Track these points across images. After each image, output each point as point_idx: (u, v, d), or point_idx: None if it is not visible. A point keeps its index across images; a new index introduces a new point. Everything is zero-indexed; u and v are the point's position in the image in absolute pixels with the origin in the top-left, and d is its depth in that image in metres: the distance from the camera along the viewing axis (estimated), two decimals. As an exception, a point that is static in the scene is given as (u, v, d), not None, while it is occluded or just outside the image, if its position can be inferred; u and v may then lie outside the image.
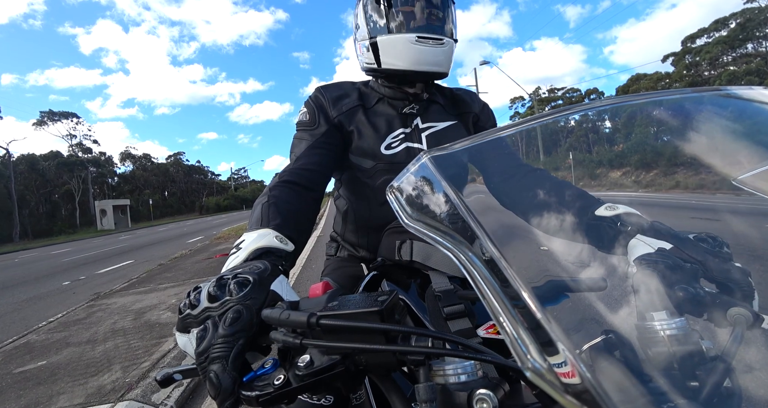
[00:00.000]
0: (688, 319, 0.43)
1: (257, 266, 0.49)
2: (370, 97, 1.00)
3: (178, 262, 7.81)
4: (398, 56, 0.90)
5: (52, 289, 6.82)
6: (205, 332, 0.42)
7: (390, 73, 0.95)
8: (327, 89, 0.99)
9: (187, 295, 0.47)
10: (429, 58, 0.90)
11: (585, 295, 0.48)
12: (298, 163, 0.87)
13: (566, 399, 0.26)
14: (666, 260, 0.49)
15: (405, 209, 0.45)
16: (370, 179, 0.94)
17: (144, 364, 2.66)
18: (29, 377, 2.73)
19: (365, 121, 0.96)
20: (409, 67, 0.90)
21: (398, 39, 0.89)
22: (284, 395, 0.38)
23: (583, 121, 0.76)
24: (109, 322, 3.90)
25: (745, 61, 26.63)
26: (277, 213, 0.71)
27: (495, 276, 0.34)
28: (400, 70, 0.92)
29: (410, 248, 0.76)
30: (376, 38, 0.92)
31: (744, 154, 0.49)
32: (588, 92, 40.68)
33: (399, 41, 0.89)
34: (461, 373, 0.39)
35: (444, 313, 0.58)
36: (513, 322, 0.30)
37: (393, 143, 0.94)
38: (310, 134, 0.93)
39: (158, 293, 5.02)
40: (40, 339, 3.66)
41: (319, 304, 0.42)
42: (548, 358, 0.28)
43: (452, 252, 0.38)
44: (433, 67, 0.92)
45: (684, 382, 0.37)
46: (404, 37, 0.89)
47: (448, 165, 0.45)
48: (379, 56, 0.92)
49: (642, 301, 0.46)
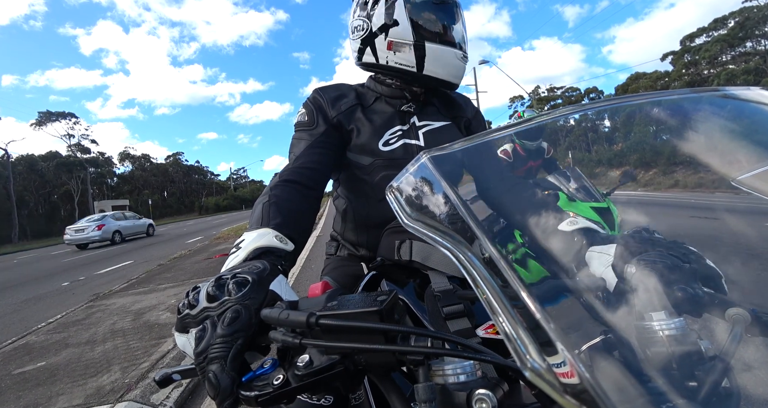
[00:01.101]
0: (686, 319, 0.43)
1: (256, 266, 0.49)
2: (368, 96, 1.02)
3: (178, 263, 7.80)
4: (442, 66, 0.95)
5: (52, 290, 6.81)
6: (204, 332, 0.42)
7: (414, 76, 0.97)
8: (325, 90, 1.00)
9: (186, 295, 0.47)
10: (460, 73, 0.99)
11: (584, 295, 0.48)
12: (298, 162, 0.88)
13: (565, 399, 0.26)
14: (665, 260, 0.49)
15: (404, 209, 0.45)
16: (368, 176, 0.95)
17: (143, 365, 2.66)
18: (28, 378, 2.73)
19: (363, 119, 0.97)
20: (446, 78, 0.97)
21: (448, 51, 0.94)
22: (283, 395, 0.38)
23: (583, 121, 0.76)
24: (108, 323, 3.90)
25: (744, 59, 26.70)
26: (277, 212, 0.71)
27: (494, 276, 0.34)
28: (440, 80, 0.97)
29: (409, 248, 0.76)
30: (425, 43, 0.93)
31: (742, 154, 0.50)
32: (587, 91, 40.70)
33: (448, 53, 0.95)
34: (460, 373, 0.39)
35: (443, 313, 0.58)
36: (512, 322, 0.30)
37: (390, 140, 0.95)
38: (309, 134, 0.93)
39: (157, 294, 5.01)
40: (40, 340, 3.65)
41: (319, 304, 0.42)
42: (547, 358, 0.28)
43: (452, 252, 0.38)
44: (457, 80, 1.00)
45: (683, 382, 0.37)
46: (453, 51, 0.95)
47: (448, 165, 0.45)
48: (424, 61, 0.94)
49: (641, 301, 0.46)
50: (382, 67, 0.99)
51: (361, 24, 0.99)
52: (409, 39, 0.93)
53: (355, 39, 1.01)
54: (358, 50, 1.02)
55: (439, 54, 0.94)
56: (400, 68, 0.96)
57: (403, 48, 0.94)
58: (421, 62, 0.94)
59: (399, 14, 0.94)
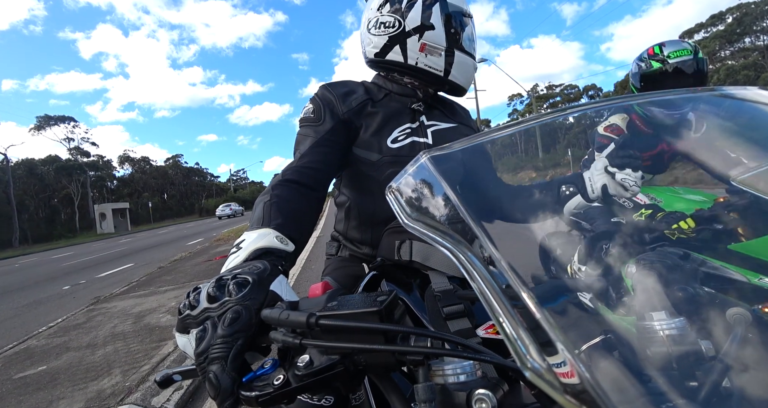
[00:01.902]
0: (687, 320, 0.43)
1: (257, 266, 0.49)
2: (377, 93, 1.02)
3: (178, 265, 7.80)
4: (463, 73, 1.01)
5: (52, 294, 6.80)
6: (205, 333, 0.42)
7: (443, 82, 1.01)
8: (333, 86, 0.99)
9: (186, 295, 0.47)
10: (471, 80, 1.06)
11: (584, 295, 0.48)
12: (303, 161, 0.87)
13: (565, 399, 0.26)
14: (665, 260, 0.49)
15: (404, 209, 0.45)
16: (375, 172, 0.95)
17: (144, 368, 2.66)
18: (29, 382, 2.72)
19: (373, 115, 0.97)
20: (464, 84, 1.03)
21: (469, 60, 1.01)
22: (284, 395, 0.38)
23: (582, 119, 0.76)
24: (108, 326, 3.89)
25: (743, 55, 26.72)
26: (278, 212, 0.70)
27: (494, 276, 0.34)
28: (458, 85, 1.02)
29: (410, 248, 0.76)
30: (455, 50, 0.97)
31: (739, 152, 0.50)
32: (586, 88, 40.75)
33: (468, 62, 1.01)
34: (460, 373, 0.39)
35: (443, 313, 0.58)
36: (512, 322, 0.30)
37: (399, 137, 0.96)
38: (314, 130, 0.92)
39: (158, 296, 5.01)
40: (40, 344, 3.65)
41: (319, 304, 0.42)
42: (547, 358, 0.28)
43: (452, 252, 0.38)
44: (469, 86, 1.07)
45: (683, 382, 0.37)
46: (472, 61, 1.02)
47: (447, 165, 0.45)
48: (452, 67, 0.98)
49: (641, 301, 0.46)
50: (409, 67, 0.98)
51: (391, 21, 0.97)
52: (442, 44, 0.96)
53: (381, 34, 0.98)
54: (383, 46, 0.99)
55: (463, 62, 1.00)
56: (428, 71, 0.97)
57: (434, 52, 0.96)
58: (449, 68, 0.98)
59: (435, 19, 0.95)
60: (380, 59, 1.01)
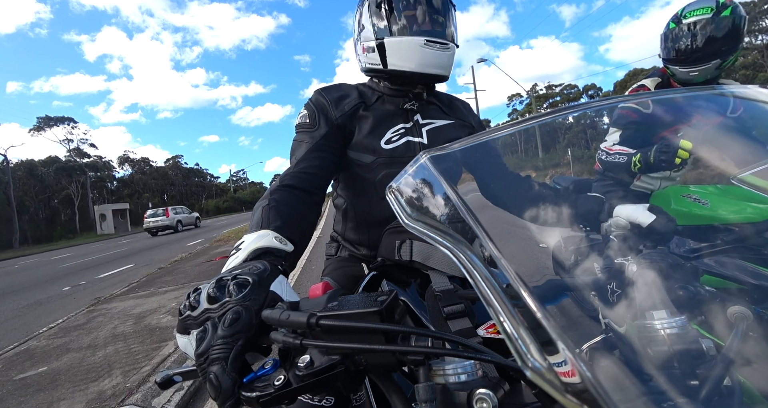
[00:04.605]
0: (688, 318, 0.43)
1: (257, 267, 0.49)
2: (370, 95, 1.02)
3: (178, 266, 7.80)
4: (406, 58, 0.93)
5: (53, 295, 6.80)
6: (205, 333, 0.42)
7: (395, 74, 0.97)
8: (327, 91, 1.00)
9: (186, 296, 0.47)
10: (434, 61, 0.93)
11: (585, 294, 0.48)
12: (299, 166, 0.88)
13: (566, 398, 0.26)
14: (666, 259, 0.49)
15: (405, 209, 0.45)
16: (370, 174, 0.95)
17: (144, 369, 2.65)
18: (30, 384, 2.72)
19: (366, 118, 0.97)
20: (416, 69, 0.93)
21: (407, 41, 0.92)
22: (284, 396, 0.38)
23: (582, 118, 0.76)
24: (109, 327, 3.89)
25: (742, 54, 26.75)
26: (277, 216, 0.71)
27: (495, 275, 0.34)
28: (407, 72, 0.94)
29: (410, 248, 0.76)
30: (383, 40, 0.93)
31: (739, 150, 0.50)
32: (585, 88, 40.79)
33: (407, 43, 0.92)
34: (461, 372, 0.39)
35: (444, 313, 0.58)
36: (513, 321, 0.30)
37: (393, 138, 0.96)
38: (310, 136, 0.93)
39: (158, 297, 5.01)
40: (41, 345, 3.65)
41: (319, 305, 0.42)
42: (548, 358, 0.28)
43: (452, 252, 0.38)
44: (438, 70, 0.95)
45: (684, 380, 0.37)
46: (413, 39, 0.91)
47: (447, 165, 0.45)
48: (386, 57, 0.94)
49: (642, 299, 0.46)
50: (366, 70, 1.02)
51: (353, 35, 1.04)
52: (372, 38, 0.96)
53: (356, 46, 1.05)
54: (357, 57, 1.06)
55: (397, 46, 0.93)
56: (373, 68, 0.99)
57: (370, 49, 0.97)
58: (384, 58, 0.95)
59: (365, 19, 0.97)
60: (362, 69, 1.06)
